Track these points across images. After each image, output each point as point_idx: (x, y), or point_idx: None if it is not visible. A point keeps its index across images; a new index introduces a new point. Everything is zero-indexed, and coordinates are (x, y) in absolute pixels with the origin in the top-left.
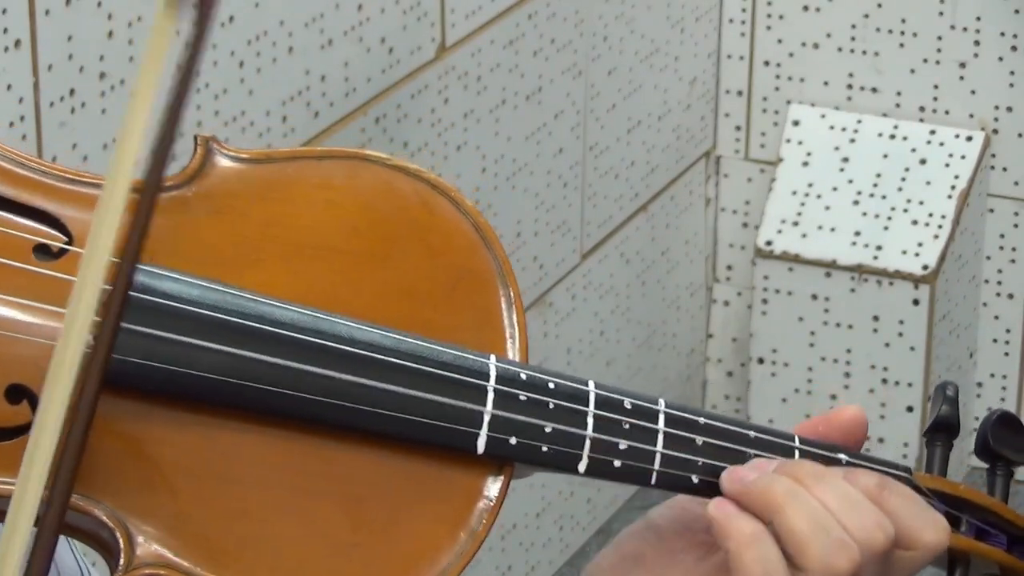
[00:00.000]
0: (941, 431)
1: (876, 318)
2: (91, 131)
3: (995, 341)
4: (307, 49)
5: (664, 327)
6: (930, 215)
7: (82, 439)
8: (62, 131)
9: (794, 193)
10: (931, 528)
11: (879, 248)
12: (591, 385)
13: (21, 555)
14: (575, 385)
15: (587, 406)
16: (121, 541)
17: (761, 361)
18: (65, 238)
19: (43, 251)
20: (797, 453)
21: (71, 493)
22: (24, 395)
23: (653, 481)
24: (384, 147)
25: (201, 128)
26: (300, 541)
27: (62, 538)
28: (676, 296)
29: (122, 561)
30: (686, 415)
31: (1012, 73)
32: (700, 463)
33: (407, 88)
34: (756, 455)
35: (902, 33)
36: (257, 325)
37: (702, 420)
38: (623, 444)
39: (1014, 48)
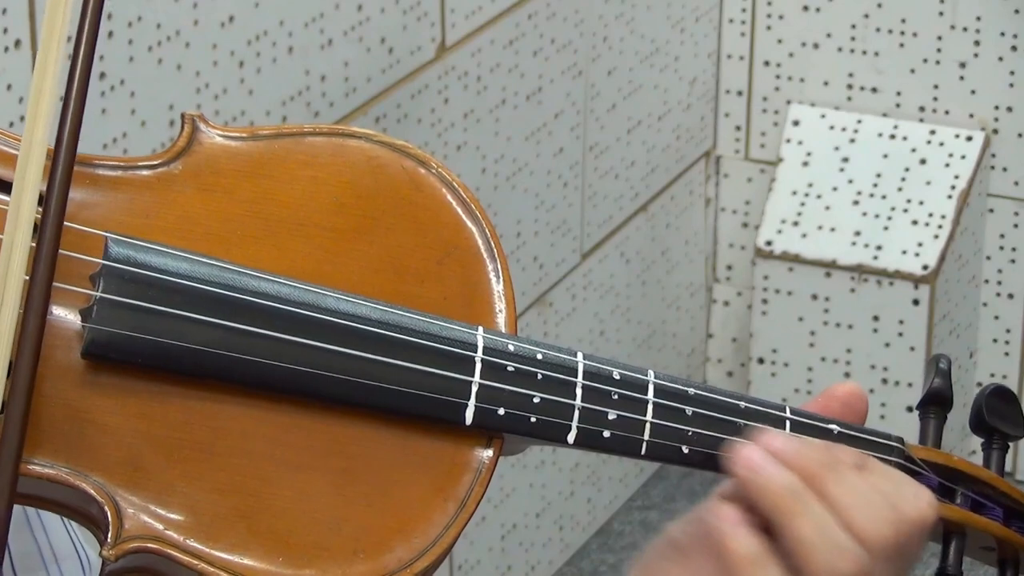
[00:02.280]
0: (934, 403)
1: (876, 318)
2: (91, 131)
3: (995, 341)
4: (307, 49)
5: (664, 327)
6: (930, 215)
7: (25, 406)
8: None
9: (794, 193)
10: (912, 501)
11: (879, 248)
12: (579, 356)
13: None
14: (563, 356)
15: (575, 377)
16: (110, 514)
17: (761, 361)
18: None
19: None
20: (788, 424)
21: (20, 456)
22: None
23: (643, 452)
24: None
25: None
26: (288, 514)
27: (59, 521)
28: (676, 296)
29: (111, 534)
30: (676, 386)
31: (1012, 73)
32: (690, 433)
33: (407, 88)
34: (746, 425)
35: (902, 33)
36: (245, 297)
37: (691, 391)
38: (612, 414)
39: (1014, 48)
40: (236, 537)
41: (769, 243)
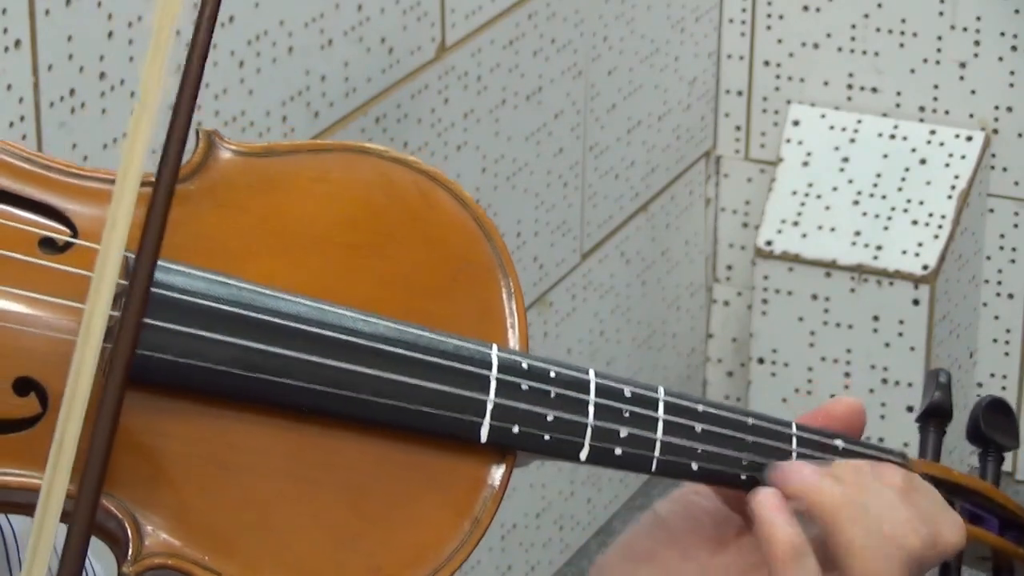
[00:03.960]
0: (934, 417)
1: (876, 318)
2: (91, 131)
3: (995, 341)
4: (307, 49)
5: (664, 327)
6: (930, 215)
7: (110, 436)
8: (62, 131)
9: (794, 193)
10: (950, 527)
11: (879, 248)
12: (591, 374)
13: (49, 552)
14: (576, 374)
15: (588, 394)
16: (130, 532)
17: (761, 361)
18: (70, 232)
19: (48, 245)
20: (794, 440)
21: (101, 491)
22: (32, 387)
23: (653, 468)
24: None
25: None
26: (305, 531)
27: (62, 530)
28: (676, 296)
29: (131, 552)
30: (685, 403)
31: (1012, 73)
32: (700, 450)
33: (407, 88)
34: (755, 442)
35: (902, 33)
36: (263, 317)
37: (701, 408)
38: (624, 432)
39: (1014, 48)
40: (254, 553)
41: (769, 243)
